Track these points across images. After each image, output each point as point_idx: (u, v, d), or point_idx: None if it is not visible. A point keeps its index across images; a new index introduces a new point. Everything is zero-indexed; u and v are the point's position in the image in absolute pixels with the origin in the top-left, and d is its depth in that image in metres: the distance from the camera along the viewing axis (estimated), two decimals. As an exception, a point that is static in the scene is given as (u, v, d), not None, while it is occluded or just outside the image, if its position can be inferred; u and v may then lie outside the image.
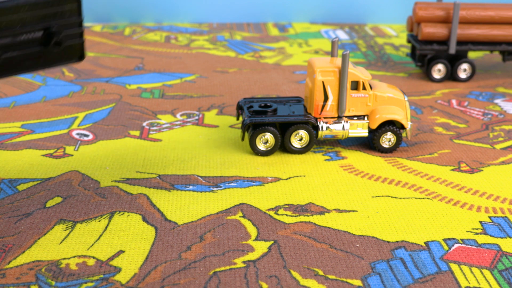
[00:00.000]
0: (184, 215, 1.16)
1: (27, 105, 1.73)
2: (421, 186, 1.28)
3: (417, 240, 1.09)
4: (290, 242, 1.07)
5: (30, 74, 2.01)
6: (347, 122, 1.42)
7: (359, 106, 1.43)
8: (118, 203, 1.19)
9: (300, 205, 1.20)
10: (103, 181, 1.28)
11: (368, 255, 1.04)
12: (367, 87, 1.42)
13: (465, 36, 1.95)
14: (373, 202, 1.21)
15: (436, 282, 0.97)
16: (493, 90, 1.90)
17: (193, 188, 1.26)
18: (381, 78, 1.99)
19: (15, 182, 1.27)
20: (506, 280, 0.98)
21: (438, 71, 1.97)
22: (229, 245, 1.06)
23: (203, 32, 2.57)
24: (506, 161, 1.40)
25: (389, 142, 1.44)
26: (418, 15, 1.96)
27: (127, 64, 2.10)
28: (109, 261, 1.02)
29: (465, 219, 1.16)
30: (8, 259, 1.02)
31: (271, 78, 1.97)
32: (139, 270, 0.99)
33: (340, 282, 0.97)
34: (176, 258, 1.02)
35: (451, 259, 1.04)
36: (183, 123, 1.60)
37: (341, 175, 1.32)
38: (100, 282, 0.96)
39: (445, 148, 1.47)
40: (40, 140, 1.48)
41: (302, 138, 1.41)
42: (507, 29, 1.95)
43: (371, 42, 2.48)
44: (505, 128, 1.60)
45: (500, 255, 1.05)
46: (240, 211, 1.17)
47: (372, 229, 1.12)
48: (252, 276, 0.98)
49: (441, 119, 1.65)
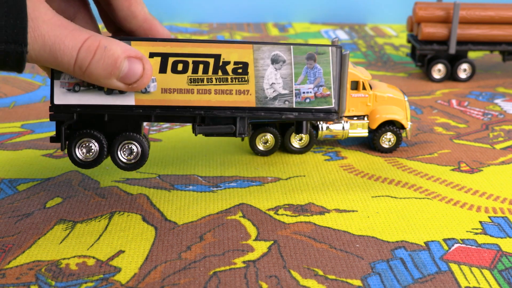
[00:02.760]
0: (184, 215, 1.16)
1: (27, 105, 1.73)
2: (421, 186, 1.28)
3: (417, 240, 1.09)
4: (290, 242, 1.07)
5: (30, 74, 2.01)
6: (347, 122, 1.42)
7: (359, 106, 1.43)
8: (118, 203, 1.19)
9: (300, 205, 1.20)
10: (103, 181, 1.27)
11: (368, 255, 1.04)
12: (367, 87, 1.42)
13: (465, 36, 1.95)
14: (373, 202, 1.21)
15: (436, 282, 0.97)
16: (493, 90, 1.90)
17: (193, 188, 1.26)
18: (381, 78, 1.99)
19: (15, 182, 1.27)
20: (506, 280, 0.98)
21: (438, 71, 1.97)
22: (229, 245, 1.06)
23: (203, 32, 2.57)
24: (506, 161, 1.40)
25: (389, 142, 1.44)
26: (418, 15, 1.96)
27: (127, 64, 2.09)
28: (109, 261, 1.01)
29: (465, 219, 1.16)
30: (8, 259, 1.02)
31: (271, 78, 1.97)
32: (139, 270, 0.99)
33: (340, 282, 0.97)
34: (176, 258, 1.02)
35: (451, 259, 1.04)
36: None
37: (341, 175, 1.32)
38: (100, 282, 0.96)
39: (445, 148, 1.47)
40: (40, 140, 1.48)
41: (302, 138, 1.41)
42: (507, 29, 1.95)
43: (371, 42, 2.48)
44: (505, 128, 1.60)
45: (500, 255, 1.05)
46: (240, 211, 1.17)
47: (372, 229, 1.12)
48: (252, 276, 0.98)
49: (441, 119, 1.65)
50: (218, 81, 1.08)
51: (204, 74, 1.08)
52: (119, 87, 1.00)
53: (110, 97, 1.06)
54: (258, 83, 1.09)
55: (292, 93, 1.11)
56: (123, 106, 1.06)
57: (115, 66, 0.97)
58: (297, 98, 1.10)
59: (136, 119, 1.10)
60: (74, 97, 1.06)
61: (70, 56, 0.93)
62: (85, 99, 1.06)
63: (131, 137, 1.11)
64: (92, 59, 0.95)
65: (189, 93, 1.08)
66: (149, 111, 1.07)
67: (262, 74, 1.09)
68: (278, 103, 1.10)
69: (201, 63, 1.08)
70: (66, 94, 1.05)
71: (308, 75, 1.10)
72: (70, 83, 1.05)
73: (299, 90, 1.11)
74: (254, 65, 1.09)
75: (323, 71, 1.11)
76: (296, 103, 1.11)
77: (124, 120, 1.10)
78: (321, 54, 1.11)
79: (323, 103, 1.11)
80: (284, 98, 1.10)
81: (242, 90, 1.09)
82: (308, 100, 1.11)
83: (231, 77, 1.09)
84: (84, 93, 1.06)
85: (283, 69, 1.10)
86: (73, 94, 1.06)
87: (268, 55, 1.09)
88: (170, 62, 1.07)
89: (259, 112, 1.10)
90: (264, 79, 1.09)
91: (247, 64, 1.09)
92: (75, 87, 1.06)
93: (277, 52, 1.09)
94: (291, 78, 1.10)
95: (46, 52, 0.92)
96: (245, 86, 1.09)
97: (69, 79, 1.05)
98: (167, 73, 1.07)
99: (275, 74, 1.10)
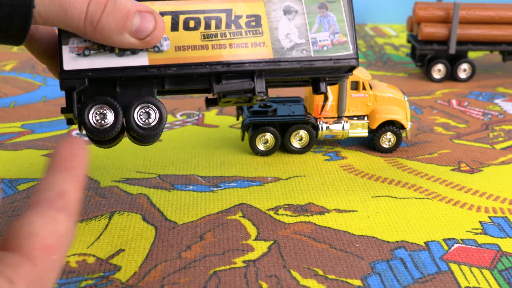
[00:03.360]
0: (184, 215, 1.16)
1: (27, 105, 1.73)
2: (421, 186, 1.28)
3: (417, 240, 1.09)
4: (290, 242, 1.07)
5: (30, 74, 2.01)
6: (347, 122, 1.42)
7: (359, 106, 1.43)
8: (118, 203, 1.19)
9: (300, 205, 1.20)
10: (103, 181, 1.28)
11: (368, 255, 1.04)
12: (367, 87, 1.42)
13: (465, 36, 1.95)
14: (373, 202, 1.21)
15: (436, 282, 0.97)
16: (493, 90, 1.90)
17: (193, 188, 1.26)
18: (381, 78, 1.99)
19: (15, 182, 1.27)
20: (506, 280, 0.98)
21: (438, 71, 1.97)
22: (229, 244, 1.06)
23: (203, 32, 2.57)
24: (506, 161, 1.40)
25: (389, 142, 1.44)
26: (418, 15, 1.96)
27: (127, 64, 2.09)
28: (109, 260, 1.02)
29: (465, 219, 1.16)
30: (8, 259, 1.01)
31: (271, 78, 1.97)
32: (139, 269, 0.99)
33: (340, 282, 0.97)
34: (176, 257, 1.02)
35: (451, 259, 1.04)
36: (183, 123, 1.60)
37: (341, 175, 1.32)
38: (100, 280, 0.96)
39: (445, 148, 1.47)
40: (40, 140, 1.48)
41: (302, 138, 1.41)
42: (507, 29, 1.95)
43: (371, 42, 2.48)
44: (505, 128, 1.60)
45: (500, 255, 1.05)
46: (240, 211, 1.17)
47: (372, 229, 1.12)
48: (252, 276, 0.98)
49: (441, 119, 1.66)
50: (232, 35, 1.05)
51: (217, 29, 1.05)
52: (132, 42, 0.96)
53: (123, 58, 1.02)
54: (273, 34, 1.07)
55: (308, 41, 1.09)
56: (137, 67, 1.02)
57: (127, 19, 0.93)
58: (314, 46, 1.08)
59: (149, 86, 1.06)
60: (85, 61, 1.01)
61: (81, 9, 0.90)
62: (97, 63, 1.02)
63: (148, 100, 1.05)
64: (103, 13, 0.91)
65: (204, 49, 1.05)
66: (164, 70, 1.03)
67: (276, 25, 1.07)
68: (295, 53, 1.07)
69: (213, 18, 1.05)
70: (76, 59, 1.01)
71: (322, 24, 1.09)
72: (80, 47, 1.01)
73: (315, 38, 1.08)
74: (267, 17, 1.07)
75: (337, 18, 1.09)
76: (314, 52, 1.08)
77: (137, 88, 1.05)
78: (332, 3, 1.09)
79: (341, 49, 1.09)
80: (302, 48, 1.08)
81: (258, 42, 1.07)
82: (325, 48, 1.09)
83: (245, 31, 1.06)
84: (94, 56, 1.01)
85: (297, 19, 1.08)
86: (83, 58, 1.01)
87: (279, 6, 1.07)
88: (182, 20, 1.04)
89: (278, 64, 1.07)
90: (279, 30, 1.07)
91: (260, 16, 1.07)
92: (85, 51, 1.01)
93: (288, 3, 1.08)
94: (305, 28, 1.08)
95: (55, 7, 0.89)
96: (261, 38, 1.07)
97: (78, 43, 1.01)
98: (179, 30, 1.03)
99: (289, 24, 1.08)
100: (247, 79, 1.07)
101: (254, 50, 1.07)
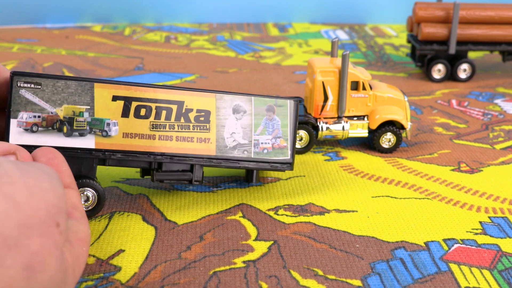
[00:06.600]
0: (184, 215, 1.16)
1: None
2: (421, 186, 1.28)
3: (417, 240, 1.09)
4: (290, 242, 1.07)
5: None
6: (347, 122, 1.42)
7: (359, 106, 1.43)
8: (118, 203, 1.19)
9: (300, 205, 1.20)
10: (103, 181, 1.28)
11: (368, 255, 1.04)
12: (367, 87, 1.42)
13: (465, 36, 1.95)
14: (373, 202, 1.21)
15: (436, 282, 0.97)
16: (493, 90, 1.90)
17: (193, 188, 1.26)
18: (381, 78, 1.99)
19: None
20: (506, 281, 0.98)
21: (438, 71, 1.97)
22: (229, 245, 1.06)
23: (203, 32, 2.57)
24: (506, 161, 1.40)
25: (389, 142, 1.44)
26: (418, 15, 1.96)
27: (127, 64, 2.10)
28: (109, 260, 1.02)
29: (465, 219, 1.16)
30: (8, 259, 1.01)
31: (271, 78, 1.97)
32: (139, 270, 0.99)
33: (340, 282, 0.97)
34: (176, 258, 1.02)
35: (450, 259, 1.04)
36: (183, 123, 1.60)
37: (341, 175, 1.32)
38: (100, 280, 0.96)
39: (445, 148, 1.47)
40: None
41: (302, 138, 1.41)
42: (507, 29, 1.95)
43: (371, 42, 2.48)
44: (505, 128, 1.60)
45: (500, 255, 1.05)
46: (240, 211, 1.17)
47: (372, 229, 1.12)
48: (252, 276, 0.98)
49: (441, 119, 1.66)
50: (180, 128, 1.09)
51: (166, 120, 1.08)
52: None
53: (70, 139, 1.04)
54: (219, 132, 1.11)
55: (251, 143, 1.13)
56: (83, 149, 1.05)
57: None
58: (255, 148, 1.13)
59: (90, 162, 1.09)
60: (31, 137, 1.03)
61: None
62: (43, 140, 1.04)
63: (86, 184, 1.09)
64: None
65: (151, 138, 1.08)
66: (109, 155, 1.07)
67: (223, 123, 1.11)
68: (237, 153, 1.12)
69: (164, 109, 1.08)
70: (22, 134, 1.03)
71: (266, 126, 1.14)
72: (28, 123, 1.03)
73: (258, 140, 1.14)
74: (216, 113, 1.10)
75: (281, 123, 1.14)
76: (255, 153, 1.14)
77: (78, 162, 1.08)
78: (280, 107, 1.14)
79: (279, 154, 1.15)
80: (243, 148, 1.12)
81: (204, 138, 1.10)
82: (266, 151, 1.14)
83: (193, 125, 1.10)
84: (42, 133, 1.03)
85: (244, 119, 1.13)
86: (30, 134, 1.03)
87: (230, 104, 1.11)
88: (133, 106, 1.07)
89: (218, 161, 1.12)
90: (225, 128, 1.11)
91: (210, 112, 1.10)
92: (33, 127, 1.03)
93: (239, 103, 1.12)
94: (250, 129, 1.13)
95: None
96: (207, 134, 1.10)
97: (28, 118, 1.03)
98: (129, 117, 1.07)
99: (235, 124, 1.12)
100: (187, 171, 1.13)
101: (199, 145, 1.11)
